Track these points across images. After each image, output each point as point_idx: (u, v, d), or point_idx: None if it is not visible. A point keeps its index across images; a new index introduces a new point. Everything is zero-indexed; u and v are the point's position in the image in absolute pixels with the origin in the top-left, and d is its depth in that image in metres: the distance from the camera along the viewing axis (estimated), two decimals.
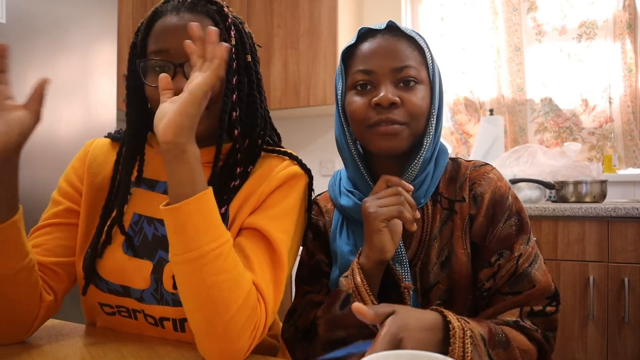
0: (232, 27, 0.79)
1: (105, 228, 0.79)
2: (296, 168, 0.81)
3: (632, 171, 2.36)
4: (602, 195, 2.06)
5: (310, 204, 0.85)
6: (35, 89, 0.68)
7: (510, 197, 0.82)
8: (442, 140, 0.90)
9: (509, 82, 2.58)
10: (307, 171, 0.84)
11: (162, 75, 0.68)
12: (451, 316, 0.66)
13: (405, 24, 2.81)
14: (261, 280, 0.71)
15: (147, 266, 0.77)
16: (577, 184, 2.06)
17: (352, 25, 2.76)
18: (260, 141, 0.82)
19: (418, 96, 0.78)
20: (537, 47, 2.53)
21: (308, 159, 2.96)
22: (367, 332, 0.70)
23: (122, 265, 0.78)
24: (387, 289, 0.76)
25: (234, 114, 0.78)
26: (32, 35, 1.66)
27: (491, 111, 2.50)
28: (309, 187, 0.84)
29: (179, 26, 0.75)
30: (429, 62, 0.82)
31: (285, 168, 0.80)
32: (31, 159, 1.66)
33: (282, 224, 0.77)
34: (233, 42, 0.78)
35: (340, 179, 0.91)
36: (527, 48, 2.55)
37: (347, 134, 0.84)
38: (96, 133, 1.89)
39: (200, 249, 0.64)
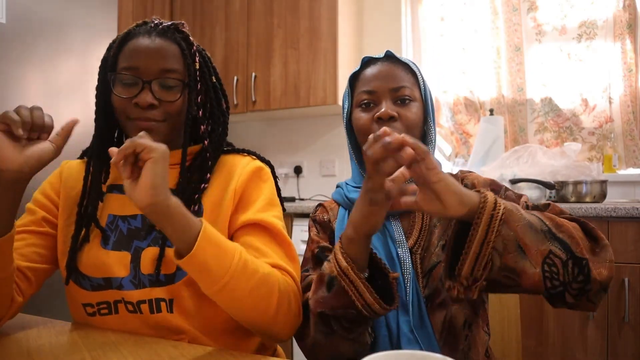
0: (197, 54, 0.89)
1: (83, 226, 0.87)
2: (258, 162, 0.93)
3: (632, 171, 2.36)
4: (602, 195, 2.06)
5: (278, 188, 0.96)
6: (64, 127, 0.76)
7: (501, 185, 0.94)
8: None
9: (509, 82, 2.58)
10: (267, 162, 0.96)
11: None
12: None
13: (405, 24, 2.82)
14: (279, 259, 0.82)
15: (125, 257, 0.84)
16: (577, 184, 2.06)
17: (352, 25, 2.76)
18: (220, 144, 0.94)
19: (412, 111, 0.92)
20: (537, 47, 2.53)
21: (308, 159, 2.96)
22: (351, 317, 0.75)
23: (102, 260, 0.84)
24: (374, 279, 0.79)
25: (202, 127, 0.89)
26: (32, 35, 1.66)
27: (491, 111, 2.50)
28: (273, 174, 0.96)
29: (149, 47, 0.85)
30: (421, 83, 0.96)
31: (248, 163, 0.91)
32: None
33: (272, 212, 0.88)
34: (197, 67, 0.88)
35: (346, 184, 1.02)
36: (527, 48, 2.55)
37: (350, 144, 1.00)
38: None
39: (229, 271, 0.71)
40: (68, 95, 1.78)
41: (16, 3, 1.60)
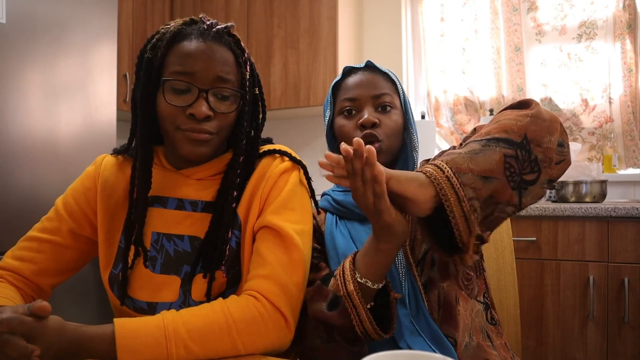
0: (247, 61, 0.84)
1: (132, 247, 0.83)
2: (286, 164, 0.86)
3: (632, 171, 2.36)
4: (602, 195, 2.06)
5: (311, 189, 0.90)
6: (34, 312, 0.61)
7: None
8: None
9: (509, 82, 2.58)
10: (298, 162, 0.88)
11: None
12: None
13: (405, 24, 2.82)
14: (275, 269, 0.76)
15: (175, 281, 0.81)
16: (577, 184, 2.06)
17: (352, 25, 2.76)
18: (255, 156, 0.87)
19: (393, 119, 0.96)
20: (537, 47, 2.53)
21: (308, 159, 2.95)
22: (351, 336, 0.76)
23: (150, 283, 0.81)
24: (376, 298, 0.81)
25: (243, 141, 0.83)
26: (32, 35, 1.66)
27: (491, 111, 2.50)
28: (305, 175, 0.89)
29: (206, 53, 0.78)
30: (401, 93, 1.00)
31: (277, 166, 0.85)
32: (31, 159, 1.66)
33: (284, 215, 0.81)
34: (248, 76, 0.83)
35: (332, 190, 1.05)
36: (527, 48, 2.55)
37: (332, 152, 0.99)
38: (96, 133, 1.89)
39: (166, 347, 0.65)
40: (68, 95, 1.78)
41: (16, 3, 1.60)
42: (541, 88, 2.52)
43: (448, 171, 0.69)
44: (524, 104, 0.81)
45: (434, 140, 2.63)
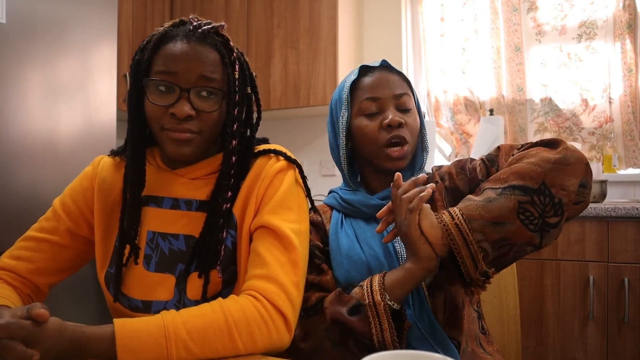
0: (237, 61, 0.83)
1: (127, 246, 0.83)
2: (281, 163, 0.86)
3: (632, 171, 2.36)
4: (602, 195, 2.06)
5: (307, 188, 0.90)
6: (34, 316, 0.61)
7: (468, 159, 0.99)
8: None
9: (509, 82, 2.58)
10: (293, 161, 0.88)
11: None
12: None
13: (405, 24, 2.82)
14: (274, 269, 0.75)
15: (170, 279, 0.81)
16: None
17: (352, 25, 2.76)
18: (249, 156, 0.87)
19: (414, 118, 0.97)
20: (537, 47, 2.53)
21: (308, 159, 2.96)
22: (364, 344, 0.78)
23: (145, 281, 0.82)
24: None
25: (233, 141, 0.83)
26: (32, 35, 1.66)
27: (491, 111, 2.50)
28: (300, 174, 0.89)
29: (189, 54, 0.79)
30: (414, 93, 1.00)
31: (272, 166, 0.85)
32: (31, 159, 1.66)
33: (281, 214, 0.81)
34: (237, 76, 0.82)
35: (340, 189, 1.04)
36: (527, 48, 2.55)
37: (343, 152, 1.00)
38: (96, 133, 1.89)
39: (166, 348, 0.64)
40: (68, 95, 1.78)
41: (16, 3, 1.60)
42: (541, 88, 2.52)
43: (458, 218, 0.77)
44: (553, 144, 0.82)
45: (434, 140, 2.63)
